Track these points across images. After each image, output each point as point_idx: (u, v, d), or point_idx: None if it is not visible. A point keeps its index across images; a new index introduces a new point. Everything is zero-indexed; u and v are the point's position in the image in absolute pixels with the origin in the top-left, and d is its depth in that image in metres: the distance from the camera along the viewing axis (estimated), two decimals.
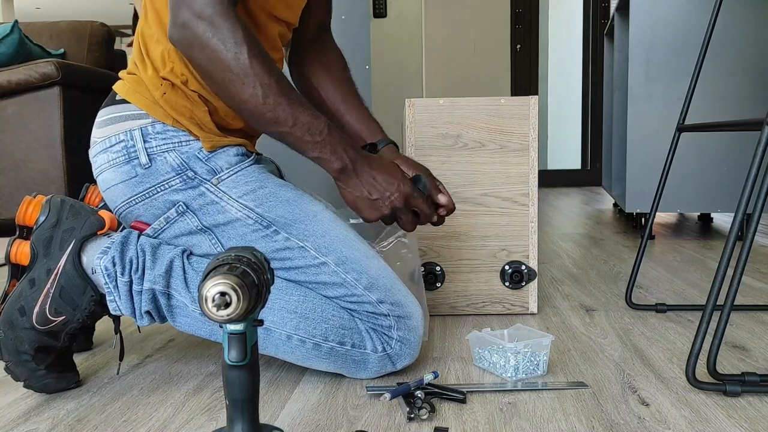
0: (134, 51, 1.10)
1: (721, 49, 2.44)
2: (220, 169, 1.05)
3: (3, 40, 2.60)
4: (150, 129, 1.04)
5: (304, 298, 1.03)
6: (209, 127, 1.06)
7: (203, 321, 1.02)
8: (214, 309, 0.66)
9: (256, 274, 0.70)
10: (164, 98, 1.04)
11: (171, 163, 1.04)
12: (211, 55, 0.93)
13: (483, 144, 1.43)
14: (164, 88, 1.04)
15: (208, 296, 0.66)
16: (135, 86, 1.07)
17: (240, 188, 1.05)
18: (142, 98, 1.05)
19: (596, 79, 5.40)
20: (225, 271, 0.68)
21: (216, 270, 0.68)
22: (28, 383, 1.00)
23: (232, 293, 0.66)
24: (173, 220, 1.05)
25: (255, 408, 0.73)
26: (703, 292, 1.65)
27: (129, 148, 1.04)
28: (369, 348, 1.03)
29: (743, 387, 0.96)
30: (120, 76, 1.12)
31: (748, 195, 0.97)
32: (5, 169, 2.52)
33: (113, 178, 1.06)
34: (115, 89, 1.10)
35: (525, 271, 1.45)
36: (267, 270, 0.74)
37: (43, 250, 1.01)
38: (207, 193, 1.04)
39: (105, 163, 1.07)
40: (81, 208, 1.05)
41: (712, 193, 2.50)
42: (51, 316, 0.99)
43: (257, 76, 0.93)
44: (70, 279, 1.00)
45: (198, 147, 1.04)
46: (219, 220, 1.04)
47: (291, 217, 1.05)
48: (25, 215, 1.04)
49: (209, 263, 0.71)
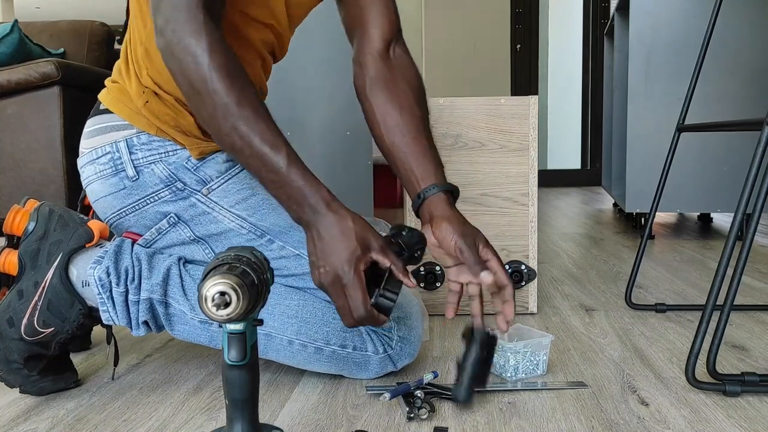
0: (121, 55, 1.08)
1: (721, 49, 2.44)
2: (209, 179, 1.03)
3: (3, 39, 2.60)
4: (135, 140, 1.02)
5: (304, 303, 1.02)
6: (194, 133, 1.03)
7: (202, 328, 1.02)
8: (214, 308, 0.66)
9: (256, 274, 0.70)
10: (147, 107, 1.02)
11: (159, 175, 1.02)
12: (178, 65, 0.85)
13: (483, 144, 1.43)
14: (146, 96, 1.02)
15: (208, 296, 0.66)
16: (118, 95, 1.05)
17: (231, 197, 1.03)
18: (125, 108, 1.03)
19: (596, 79, 5.40)
20: (225, 270, 0.67)
21: (216, 269, 0.68)
22: (24, 389, 1.00)
23: (231, 293, 0.66)
24: (165, 230, 1.04)
25: (255, 408, 0.73)
26: (702, 292, 1.65)
27: (115, 160, 1.03)
28: (370, 350, 1.03)
29: (743, 387, 0.96)
30: (105, 83, 1.09)
31: (748, 195, 0.97)
32: (5, 169, 2.52)
33: (101, 189, 1.05)
34: (100, 98, 1.08)
35: (525, 271, 1.45)
36: (267, 269, 0.74)
37: (31, 262, 1.00)
38: (198, 204, 1.03)
39: (92, 175, 1.05)
40: (70, 218, 1.03)
41: (712, 193, 2.50)
42: (40, 328, 0.98)
43: (215, 93, 0.83)
44: (57, 293, 0.99)
45: (185, 156, 1.03)
46: (212, 230, 1.03)
47: (285, 224, 1.03)
48: (12, 225, 1.02)
49: (209, 263, 0.71)
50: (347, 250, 0.86)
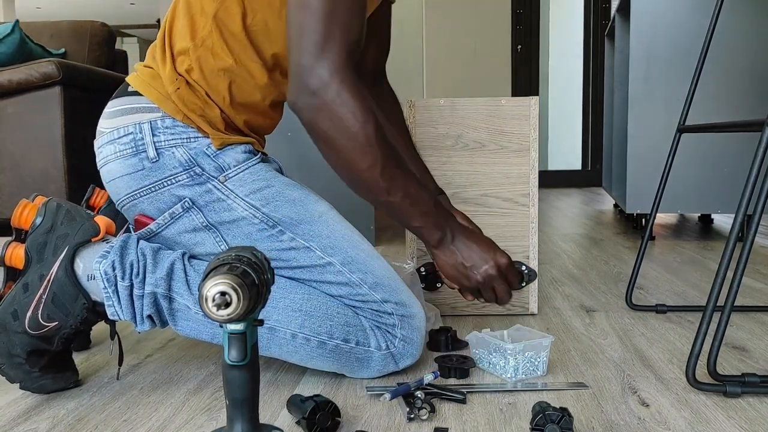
0: (157, 42, 1.09)
1: (722, 50, 2.44)
2: (227, 167, 1.04)
3: (4, 39, 2.60)
4: (159, 123, 1.04)
5: (308, 296, 1.03)
6: (218, 126, 1.05)
7: (205, 323, 1.02)
8: (215, 309, 0.66)
9: (257, 274, 0.70)
10: (177, 93, 1.04)
11: (179, 158, 1.03)
12: (338, 124, 0.93)
13: (483, 144, 1.43)
14: (179, 83, 1.04)
15: (209, 296, 0.66)
16: (150, 80, 1.06)
17: (247, 186, 1.04)
18: (155, 92, 1.05)
19: (597, 80, 5.40)
20: (225, 270, 0.68)
21: (216, 270, 0.68)
22: (24, 385, 1.00)
23: (232, 293, 0.66)
24: (178, 215, 1.05)
25: (255, 407, 0.73)
26: (703, 293, 1.65)
27: (137, 141, 1.04)
28: (373, 345, 1.03)
29: (743, 388, 0.96)
30: (135, 68, 1.11)
31: (749, 196, 0.97)
32: (6, 169, 2.52)
33: (119, 169, 1.05)
34: (128, 81, 1.09)
35: (525, 272, 1.44)
36: (267, 270, 0.74)
37: (37, 255, 1.01)
38: (214, 190, 1.04)
39: (111, 155, 1.06)
40: (77, 213, 1.04)
41: (713, 194, 2.50)
42: (44, 322, 0.99)
43: (380, 147, 0.95)
44: (62, 286, 0.99)
45: (206, 143, 1.04)
46: (224, 218, 1.04)
47: (297, 217, 1.04)
48: (20, 218, 1.03)
49: (209, 263, 0.71)
50: (494, 246, 1.08)
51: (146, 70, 1.08)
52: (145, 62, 1.11)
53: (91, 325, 1.06)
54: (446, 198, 1.29)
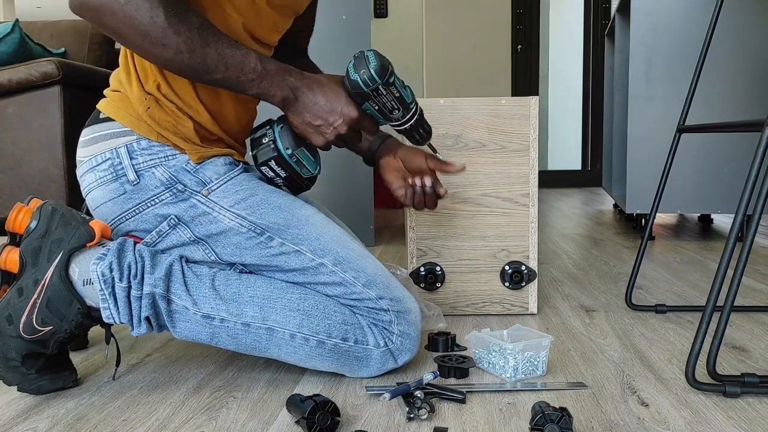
0: (120, 65, 1.09)
1: (722, 50, 2.44)
2: (209, 180, 1.05)
3: (4, 39, 2.60)
4: (135, 145, 1.04)
5: (305, 296, 1.03)
6: (193, 140, 1.05)
7: (204, 324, 1.02)
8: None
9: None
10: (148, 113, 1.03)
11: (159, 178, 1.04)
12: (124, 20, 0.89)
13: (483, 144, 1.43)
14: (148, 102, 1.04)
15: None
16: (119, 104, 1.06)
17: (231, 197, 1.05)
18: (127, 115, 1.05)
19: (597, 80, 5.40)
20: None
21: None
22: (22, 387, 1.00)
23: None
24: (165, 233, 1.05)
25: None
26: (702, 293, 1.65)
27: (116, 166, 1.04)
28: (371, 343, 1.04)
29: (743, 388, 0.96)
30: (104, 94, 1.10)
31: (749, 196, 0.97)
32: (6, 168, 2.52)
33: (102, 196, 1.06)
34: (99, 108, 1.09)
35: (525, 272, 1.45)
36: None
37: (32, 260, 1.00)
38: (198, 205, 1.04)
39: (93, 182, 1.06)
40: (72, 217, 1.04)
41: (713, 194, 2.50)
42: (38, 326, 0.98)
43: (178, 35, 0.91)
44: (57, 291, 0.99)
45: (185, 160, 1.04)
46: (212, 230, 1.04)
47: (284, 222, 1.05)
48: (15, 222, 1.03)
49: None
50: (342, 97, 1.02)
51: (115, 94, 1.08)
52: (112, 87, 1.10)
53: (86, 329, 1.06)
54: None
